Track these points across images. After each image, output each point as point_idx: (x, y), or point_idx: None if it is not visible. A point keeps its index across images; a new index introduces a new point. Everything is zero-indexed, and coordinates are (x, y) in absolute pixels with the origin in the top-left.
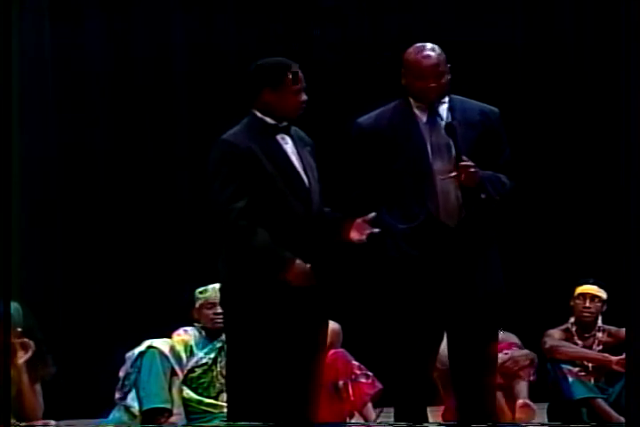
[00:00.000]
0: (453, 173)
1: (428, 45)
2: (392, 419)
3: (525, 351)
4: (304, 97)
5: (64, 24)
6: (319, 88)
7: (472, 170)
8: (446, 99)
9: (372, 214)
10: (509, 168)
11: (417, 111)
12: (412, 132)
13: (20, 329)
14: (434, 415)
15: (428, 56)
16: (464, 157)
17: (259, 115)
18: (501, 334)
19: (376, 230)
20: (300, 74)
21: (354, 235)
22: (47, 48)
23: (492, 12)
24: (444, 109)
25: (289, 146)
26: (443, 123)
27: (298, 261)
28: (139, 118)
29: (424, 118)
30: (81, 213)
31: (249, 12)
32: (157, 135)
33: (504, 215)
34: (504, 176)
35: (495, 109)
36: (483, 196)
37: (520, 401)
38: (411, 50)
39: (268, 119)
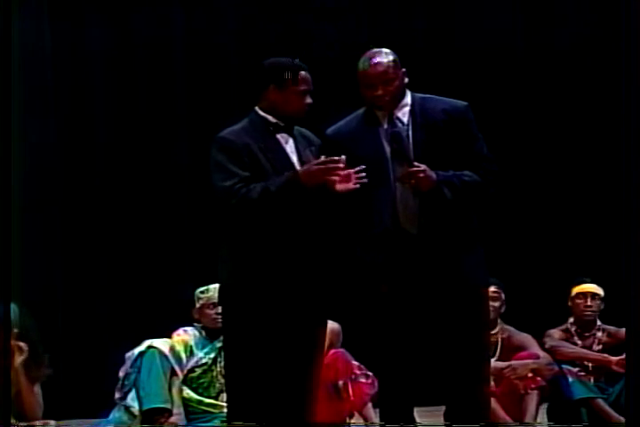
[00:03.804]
0: (404, 180)
1: (377, 52)
2: None
3: (529, 361)
4: (309, 100)
5: (64, 24)
6: (319, 88)
7: (421, 175)
8: (408, 101)
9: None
10: (482, 162)
11: (380, 117)
12: (371, 140)
13: (16, 330)
14: (434, 416)
15: (375, 64)
16: (415, 163)
17: (261, 113)
18: (517, 335)
19: (359, 185)
20: (308, 76)
21: (340, 186)
22: (47, 48)
23: (492, 13)
24: (405, 113)
25: (289, 145)
26: (404, 128)
27: (298, 170)
28: (139, 117)
29: (385, 125)
30: (81, 212)
31: (249, 11)
32: (158, 134)
33: (486, 211)
34: (469, 172)
35: (460, 104)
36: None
37: None
38: (360, 58)
39: (270, 118)
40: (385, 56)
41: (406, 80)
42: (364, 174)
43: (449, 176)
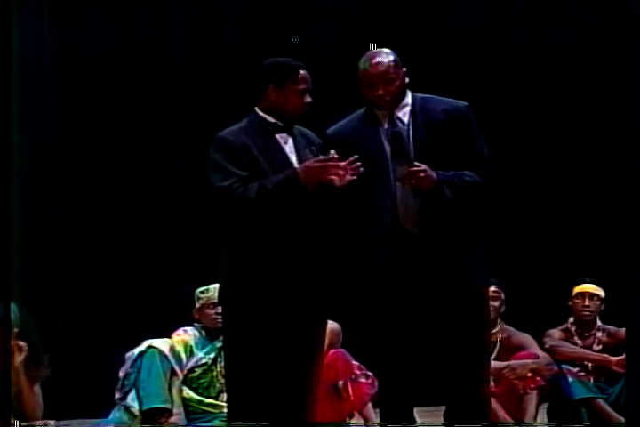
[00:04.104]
0: (405, 179)
1: (378, 52)
2: None
3: (528, 361)
4: (308, 99)
5: (64, 24)
6: (319, 87)
7: (422, 175)
8: (409, 101)
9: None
10: (482, 162)
11: (380, 117)
12: (372, 140)
13: (16, 330)
14: (433, 416)
15: (375, 64)
16: (415, 163)
17: (260, 113)
18: (517, 335)
19: (356, 177)
20: (307, 76)
21: (336, 180)
22: (47, 48)
23: (492, 13)
24: (405, 113)
25: (288, 145)
26: (405, 128)
27: (297, 168)
28: (139, 117)
29: (385, 125)
30: (81, 212)
31: (249, 11)
32: (158, 135)
33: (486, 211)
34: (470, 172)
35: (461, 105)
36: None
37: None
38: (361, 58)
39: (269, 118)
40: (385, 56)
41: (407, 80)
42: (359, 164)
43: (449, 176)
